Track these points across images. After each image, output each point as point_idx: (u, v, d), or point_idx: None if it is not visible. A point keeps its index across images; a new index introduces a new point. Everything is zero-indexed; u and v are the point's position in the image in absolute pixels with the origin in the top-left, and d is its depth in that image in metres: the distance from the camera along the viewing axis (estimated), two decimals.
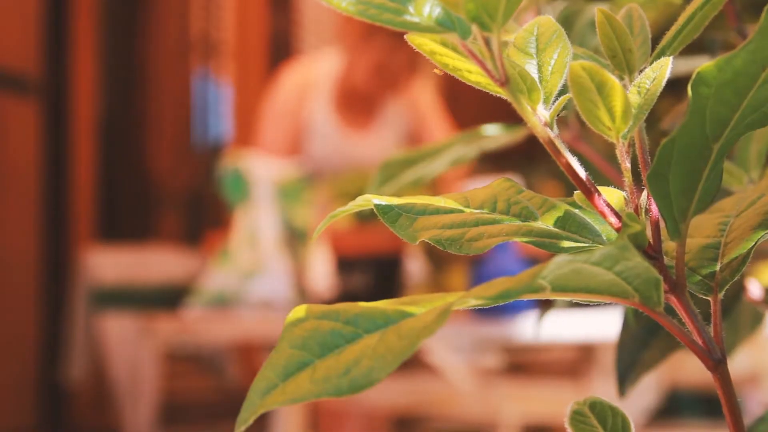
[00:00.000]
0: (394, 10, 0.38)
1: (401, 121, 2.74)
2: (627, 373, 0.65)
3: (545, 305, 0.80)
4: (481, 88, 0.42)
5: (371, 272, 2.43)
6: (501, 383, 2.18)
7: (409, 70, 2.63)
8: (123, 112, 4.49)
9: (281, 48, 4.42)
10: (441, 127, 2.77)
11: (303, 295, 2.44)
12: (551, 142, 0.41)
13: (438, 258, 2.38)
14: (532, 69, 0.42)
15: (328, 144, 2.65)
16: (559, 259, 0.35)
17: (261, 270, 2.43)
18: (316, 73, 2.70)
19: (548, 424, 2.21)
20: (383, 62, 2.58)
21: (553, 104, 0.42)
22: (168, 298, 3.25)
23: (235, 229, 2.51)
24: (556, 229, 0.43)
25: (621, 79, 0.43)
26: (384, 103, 2.70)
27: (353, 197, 0.45)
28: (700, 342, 0.41)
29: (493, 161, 2.60)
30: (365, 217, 2.37)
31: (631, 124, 0.40)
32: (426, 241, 0.44)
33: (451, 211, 0.44)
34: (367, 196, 0.45)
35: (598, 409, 0.44)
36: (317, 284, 2.42)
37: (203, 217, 4.54)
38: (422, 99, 2.78)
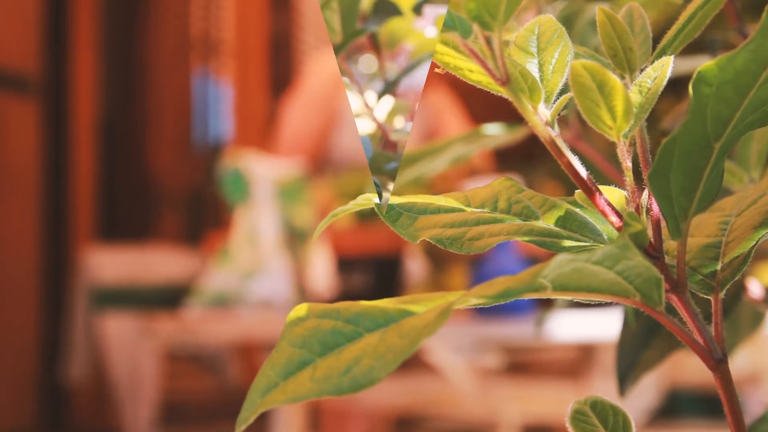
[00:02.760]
0: None
1: (424, 121, 2.74)
2: (627, 373, 0.65)
3: (546, 305, 0.80)
4: (482, 87, 0.42)
5: (371, 272, 2.43)
6: (501, 383, 2.17)
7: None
8: (123, 112, 4.49)
9: (281, 48, 4.42)
10: (459, 123, 2.77)
11: (303, 294, 2.44)
12: (552, 142, 0.41)
13: (438, 257, 2.37)
14: (533, 68, 0.42)
15: (357, 139, 2.63)
16: (560, 258, 0.35)
17: (261, 270, 2.43)
18: None
19: (548, 424, 2.21)
20: None
21: (554, 103, 0.42)
22: (168, 298, 3.25)
23: (235, 228, 2.50)
24: (557, 229, 0.43)
25: (622, 78, 0.43)
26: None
27: (353, 197, 0.45)
28: (701, 341, 0.41)
29: (492, 161, 2.60)
30: (366, 217, 2.37)
31: (632, 123, 0.40)
32: (427, 240, 0.43)
33: (452, 210, 0.44)
34: (367, 195, 0.44)
35: (599, 408, 0.44)
36: (317, 284, 2.42)
37: (203, 217, 4.54)
38: (440, 98, 2.78)
